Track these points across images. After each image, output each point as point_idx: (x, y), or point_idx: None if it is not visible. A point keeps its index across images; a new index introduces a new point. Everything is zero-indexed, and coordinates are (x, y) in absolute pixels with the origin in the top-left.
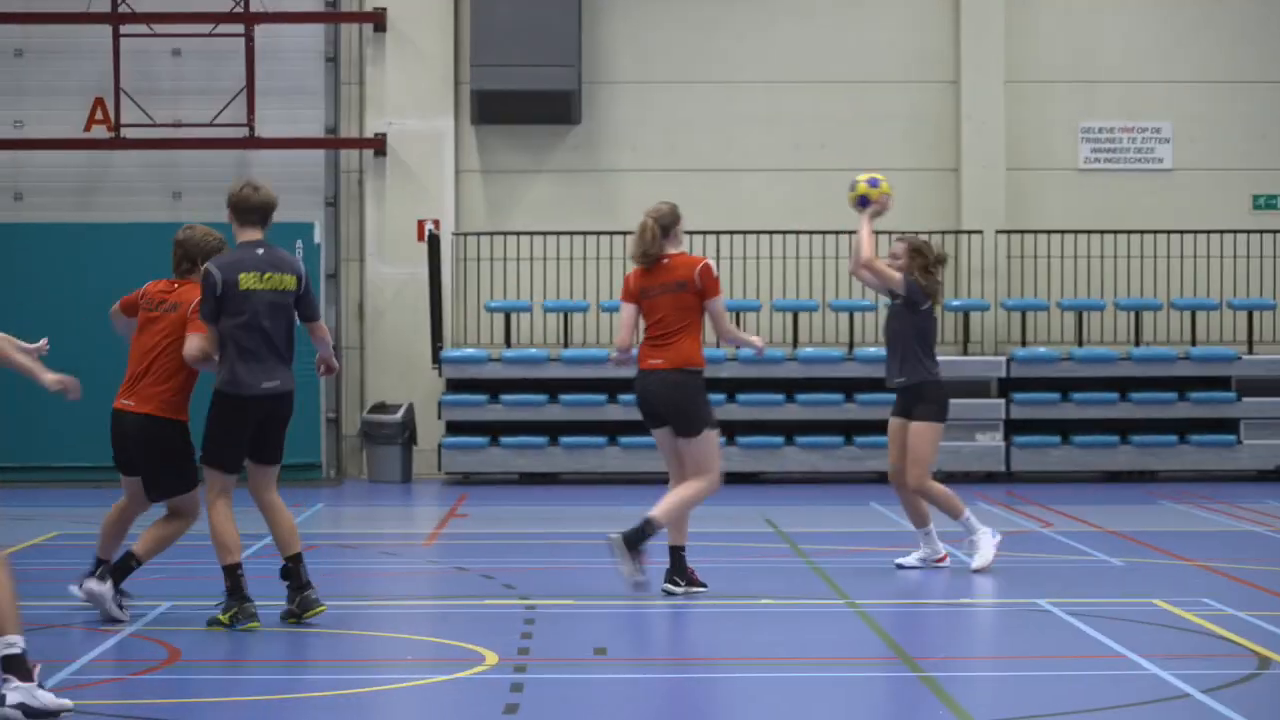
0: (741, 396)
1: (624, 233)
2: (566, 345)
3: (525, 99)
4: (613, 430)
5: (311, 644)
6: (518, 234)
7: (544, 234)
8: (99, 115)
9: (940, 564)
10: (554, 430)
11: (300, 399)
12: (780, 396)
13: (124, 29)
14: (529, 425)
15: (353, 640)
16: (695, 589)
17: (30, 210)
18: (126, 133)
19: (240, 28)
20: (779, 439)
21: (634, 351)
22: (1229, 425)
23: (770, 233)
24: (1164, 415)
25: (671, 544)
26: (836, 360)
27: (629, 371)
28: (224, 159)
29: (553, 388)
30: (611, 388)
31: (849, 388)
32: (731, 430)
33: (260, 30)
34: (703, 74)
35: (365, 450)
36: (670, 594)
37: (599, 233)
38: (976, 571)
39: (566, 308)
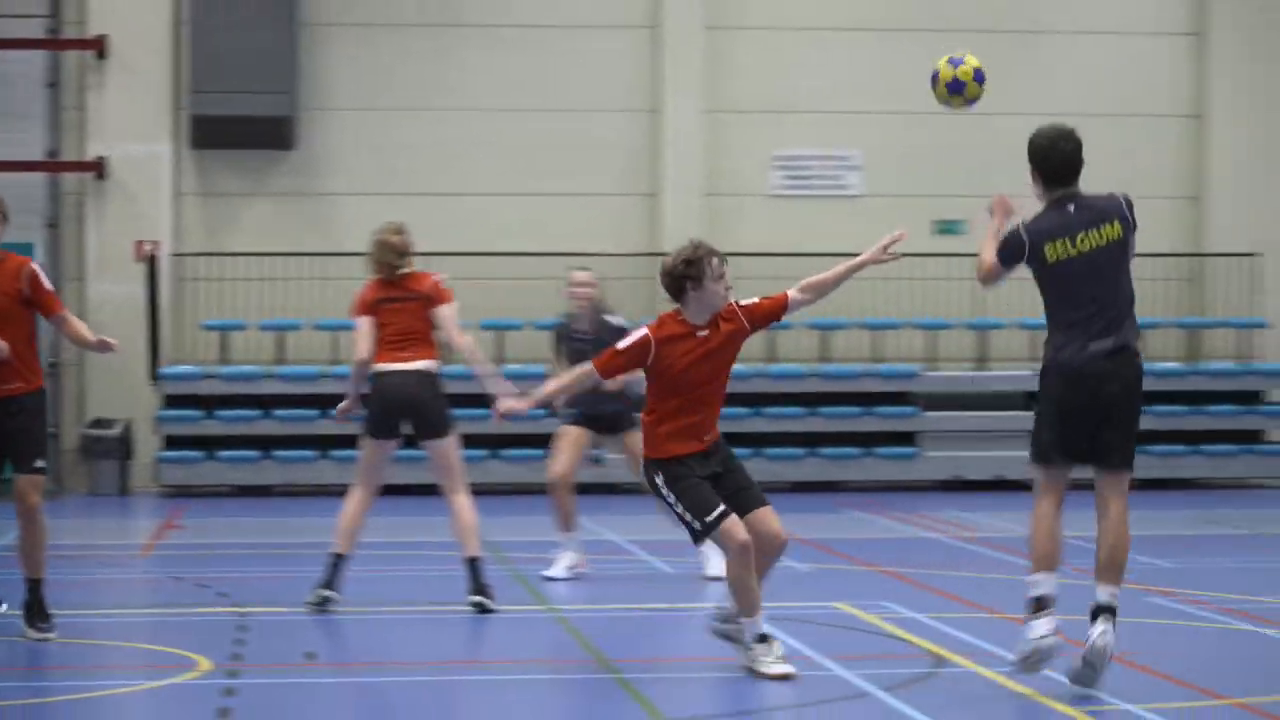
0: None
1: (338, 254)
2: (282, 362)
3: (243, 124)
4: (325, 443)
5: (29, 651)
6: (234, 255)
7: (260, 254)
8: None
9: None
10: (268, 444)
11: None
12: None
13: None
14: (243, 439)
15: (72, 648)
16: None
17: None
18: None
19: None
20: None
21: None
22: (909, 438)
23: (487, 254)
24: (849, 429)
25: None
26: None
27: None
28: None
29: (267, 403)
30: (323, 402)
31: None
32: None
33: None
34: (420, 101)
35: (84, 464)
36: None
37: (313, 254)
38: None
39: (281, 326)
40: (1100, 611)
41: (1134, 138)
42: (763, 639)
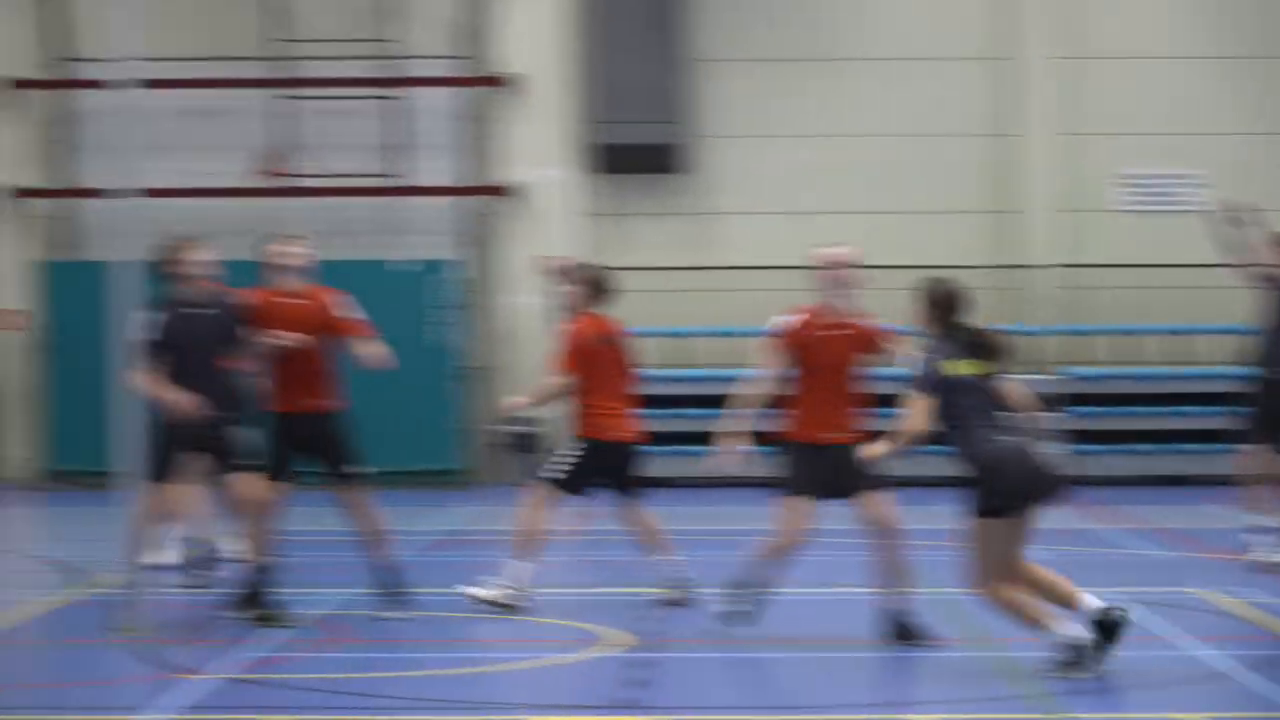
0: None
1: (723, 268)
2: (677, 366)
3: (639, 151)
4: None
5: (448, 626)
6: (634, 269)
7: (657, 269)
8: (262, 167)
9: None
10: (670, 440)
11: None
12: None
13: (289, 92)
14: (661, 437)
15: (502, 622)
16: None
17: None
18: (287, 183)
19: (390, 91)
20: None
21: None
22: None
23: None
24: (1206, 426)
25: None
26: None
27: None
28: (376, 204)
29: (668, 403)
30: (713, 403)
31: None
32: None
33: (406, 93)
34: (796, 129)
35: (498, 457)
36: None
37: (701, 268)
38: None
39: (676, 333)
40: None
41: None
42: None
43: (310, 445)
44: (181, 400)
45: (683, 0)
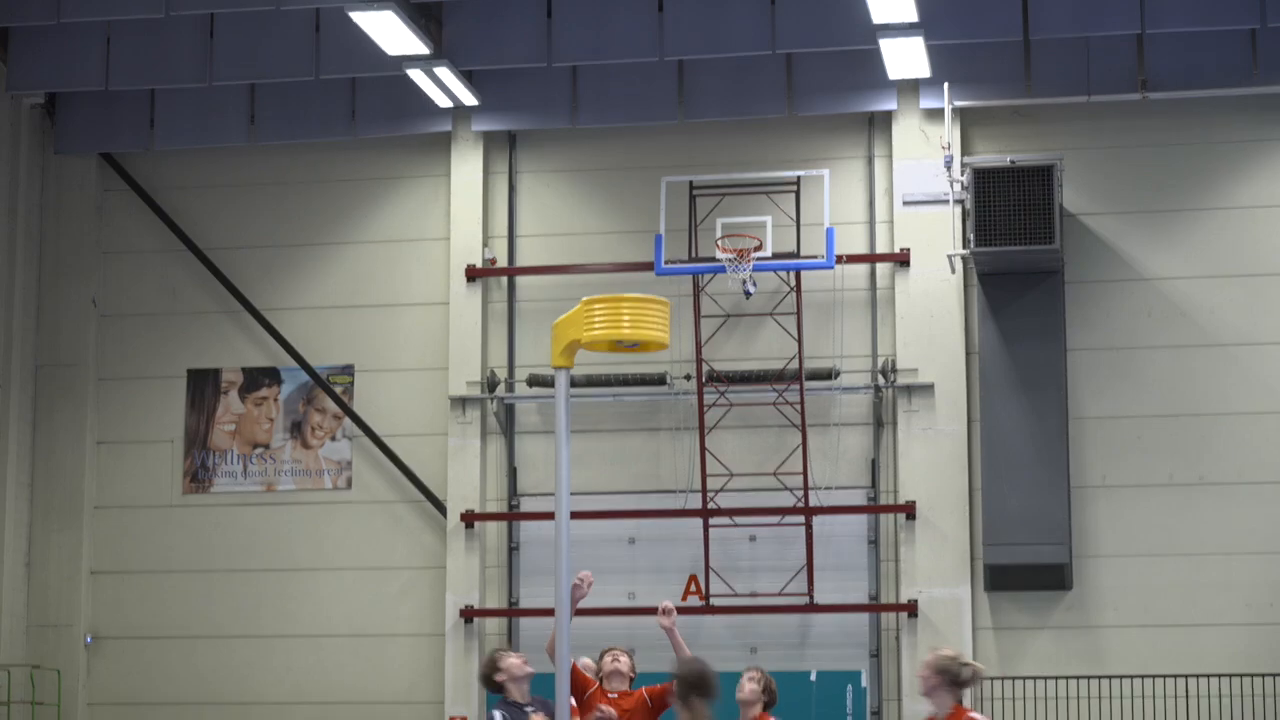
0: None
1: (1105, 677)
2: None
3: (1027, 570)
4: None
5: None
6: (1024, 678)
7: (1045, 678)
8: (693, 588)
9: None
10: None
11: None
12: None
13: (712, 521)
14: None
15: None
16: None
17: (642, 664)
18: (714, 601)
19: (801, 519)
20: None
21: None
22: None
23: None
24: None
25: None
26: None
27: None
28: (790, 621)
29: None
30: None
31: None
32: None
33: (816, 520)
34: (1167, 548)
35: None
36: None
37: (1085, 678)
38: None
39: None
40: None
41: None
42: None
43: None
44: None
45: (1065, 434)
